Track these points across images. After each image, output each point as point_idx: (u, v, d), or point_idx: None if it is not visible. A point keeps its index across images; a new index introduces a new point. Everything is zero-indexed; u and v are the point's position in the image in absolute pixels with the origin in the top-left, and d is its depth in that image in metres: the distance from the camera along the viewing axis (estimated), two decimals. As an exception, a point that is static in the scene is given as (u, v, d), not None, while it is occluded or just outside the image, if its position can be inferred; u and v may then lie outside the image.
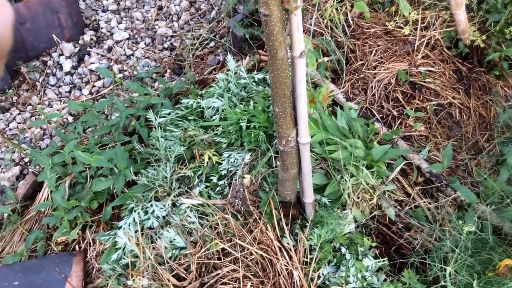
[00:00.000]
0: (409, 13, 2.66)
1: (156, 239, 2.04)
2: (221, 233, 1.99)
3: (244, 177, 2.12)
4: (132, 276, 1.90)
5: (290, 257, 1.87)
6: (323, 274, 1.84)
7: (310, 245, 1.89)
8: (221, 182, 2.19)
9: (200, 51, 3.35)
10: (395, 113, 2.54)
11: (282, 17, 1.17)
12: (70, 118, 3.03)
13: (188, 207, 2.09)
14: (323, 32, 2.77)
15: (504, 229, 1.94)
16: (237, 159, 2.21)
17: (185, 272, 1.92)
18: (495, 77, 2.65)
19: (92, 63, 3.35)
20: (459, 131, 2.50)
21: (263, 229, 1.95)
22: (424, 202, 2.16)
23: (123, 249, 2.02)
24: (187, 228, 2.04)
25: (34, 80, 3.26)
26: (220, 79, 2.58)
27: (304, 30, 2.75)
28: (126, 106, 2.65)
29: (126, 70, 3.32)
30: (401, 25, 2.79)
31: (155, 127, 2.39)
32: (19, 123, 3.03)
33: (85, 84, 3.26)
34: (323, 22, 2.82)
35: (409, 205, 2.17)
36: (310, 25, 1.84)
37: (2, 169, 2.72)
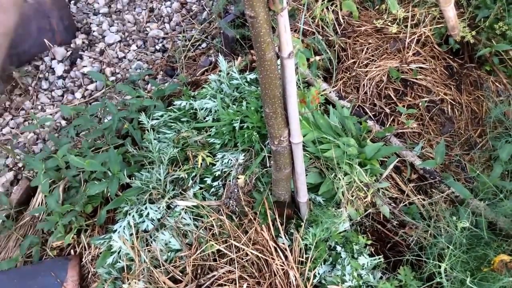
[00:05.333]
0: (397, 11, 2.67)
1: (151, 242, 2.03)
2: (216, 234, 1.99)
3: (238, 178, 2.12)
4: (128, 280, 1.90)
5: (286, 257, 1.87)
6: (319, 273, 1.85)
7: (306, 245, 1.89)
8: (215, 183, 2.19)
9: (192, 52, 3.34)
10: (388, 111, 2.54)
11: (269, 18, 1.17)
12: (63, 122, 3.02)
13: (183, 209, 2.09)
14: (314, 31, 2.77)
15: (498, 225, 1.95)
16: (231, 160, 2.21)
17: (181, 274, 1.92)
18: (486, 72, 2.66)
19: (84, 66, 3.34)
20: (451, 127, 2.51)
21: (258, 230, 1.95)
22: (418, 199, 2.17)
23: (118, 253, 2.02)
24: (182, 230, 2.04)
25: (27, 84, 3.25)
26: (213, 80, 2.57)
27: (295, 30, 2.75)
28: (118, 109, 2.64)
29: (118, 73, 3.31)
30: (391, 23, 2.79)
31: (148, 130, 2.39)
32: (12, 128, 3.02)
33: (77, 87, 3.25)
34: (313, 22, 2.82)
35: (404, 202, 2.17)
36: (301, 25, 1.84)
37: (-5, 175, 2.72)
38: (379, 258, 1.91)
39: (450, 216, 1.84)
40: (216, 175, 2.20)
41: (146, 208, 2.11)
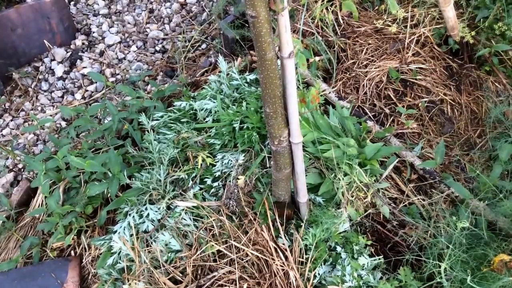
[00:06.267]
0: (397, 11, 2.67)
1: (152, 243, 2.03)
2: (216, 235, 1.99)
3: (238, 178, 2.12)
4: (128, 280, 1.90)
5: (286, 257, 1.87)
6: (319, 274, 1.85)
7: (306, 245, 1.89)
8: (215, 184, 2.19)
9: (192, 53, 3.35)
10: (387, 111, 2.55)
11: (270, 18, 1.17)
12: (63, 123, 3.03)
13: (183, 209, 2.09)
14: (314, 32, 2.77)
15: (498, 224, 1.95)
16: (231, 161, 2.21)
17: (181, 275, 1.92)
18: (486, 72, 2.66)
19: (84, 67, 3.34)
20: (451, 127, 2.51)
21: (258, 230, 1.95)
22: (418, 199, 2.17)
23: (119, 254, 2.02)
24: (182, 230, 2.04)
25: (27, 86, 3.25)
26: (212, 81, 2.58)
27: (295, 31, 2.76)
28: (118, 110, 2.64)
29: (118, 74, 3.31)
30: (390, 24, 2.80)
31: (148, 130, 2.39)
32: (12, 129, 3.02)
33: (77, 88, 3.25)
34: (313, 22, 2.83)
35: (403, 203, 2.17)
36: (300, 25, 1.85)
37: (-5, 176, 2.72)
38: (379, 259, 1.91)
39: (450, 216, 1.84)
40: (216, 175, 2.21)
41: (146, 208, 2.11)
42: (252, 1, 1.12)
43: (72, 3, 3.90)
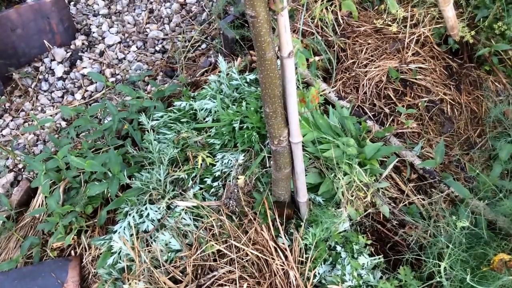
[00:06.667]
0: (397, 11, 2.67)
1: (152, 243, 2.04)
2: (216, 234, 1.99)
3: (238, 178, 2.12)
4: (128, 280, 1.90)
5: (286, 257, 1.87)
6: (319, 273, 1.85)
7: (305, 244, 1.90)
8: (215, 184, 2.19)
9: (191, 53, 3.35)
10: (387, 111, 2.55)
11: (269, 18, 1.17)
12: (63, 123, 3.03)
13: (183, 209, 2.09)
14: (314, 32, 2.78)
15: (498, 224, 1.95)
16: (231, 160, 2.21)
17: (181, 274, 1.92)
18: (486, 72, 2.67)
19: (84, 67, 3.34)
20: (451, 127, 2.51)
21: (258, 230, 1.96)
22: (418, 198, 2.17)
23: (119, 253, 2.02)
24: (182, 230, 2.04)
25: (27, 86, 3.25)
26: (212, 81, 2.58)
27: (294, 30, 2.76)
28: (118, 110, 2.64)
29: (118, 74, 3.31)
30: (390, 23, 2.80)
31: (148, 130, 2.39)
32: (12, 129, 3.03)
33: (77, 88, 3.25)
34: (312, 22, 2.83)
35: (403, 202, 2.18)
36: (300, 25, 1.85)
37: (-4, 176, 2.72)
38: (379, 258, 1.91)
39: (449, 216, 1.84)
40: (216, 175, 2.21)
41: (146, 208, 2.12)
42: (252, 1, 1.12)
43: (72, 3, 3.91)
